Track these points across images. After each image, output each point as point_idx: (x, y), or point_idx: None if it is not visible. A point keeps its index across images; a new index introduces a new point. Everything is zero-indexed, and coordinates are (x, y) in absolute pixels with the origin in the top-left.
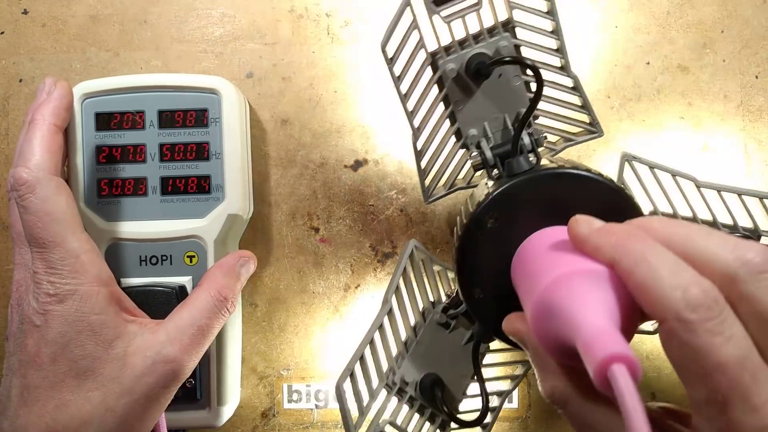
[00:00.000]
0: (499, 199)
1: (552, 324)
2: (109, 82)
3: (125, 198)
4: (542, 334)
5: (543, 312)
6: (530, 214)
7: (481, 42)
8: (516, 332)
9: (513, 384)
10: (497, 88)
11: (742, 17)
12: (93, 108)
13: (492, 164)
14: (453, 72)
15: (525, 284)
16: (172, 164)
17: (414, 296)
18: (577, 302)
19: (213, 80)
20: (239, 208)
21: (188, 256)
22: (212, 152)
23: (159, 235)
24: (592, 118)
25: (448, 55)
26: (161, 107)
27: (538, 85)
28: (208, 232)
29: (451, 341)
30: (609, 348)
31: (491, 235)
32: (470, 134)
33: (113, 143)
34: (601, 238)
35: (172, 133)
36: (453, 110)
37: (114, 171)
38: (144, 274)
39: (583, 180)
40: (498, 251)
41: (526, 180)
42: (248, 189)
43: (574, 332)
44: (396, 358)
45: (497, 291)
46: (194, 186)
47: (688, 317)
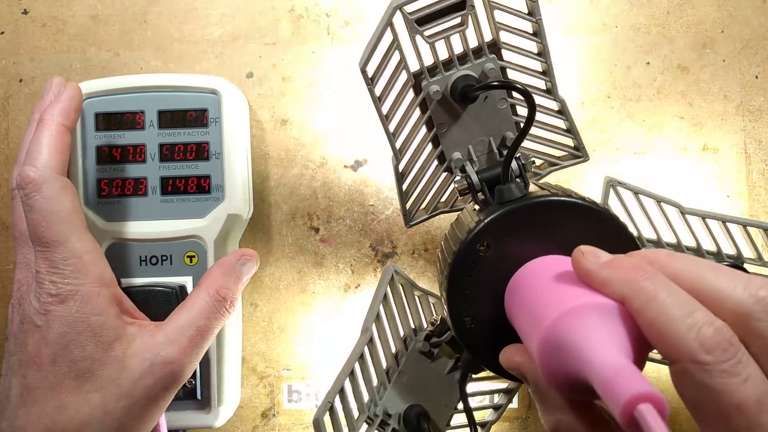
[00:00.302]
0: (491, 227)
1: (561, 359)
2: (109, 82)
3: (125, 198)
4: (550, 370)
5: (551, 348)
6: (523, 242)
7: (466, 64)
8: (516, 366)
9: (497, 414)
10: (482, 110)
11: (742, 17)
12: (93, 108)
13: (478, 189)
14: (437, 94)
15: (525, 317)
16: (172, 164)
17: (395, 324)
18: (589, 337)
19: (213, 80)
20: (239, 208)
21: (188, 256)
22: (212, 152)
23: (159, 235)
24: (578, 142)
25: (432, 76)
26: (161, 107)
27: (530, 110)
28: (208, 232)
29: (434, 370)
30: (632, 387)
31: (482, 262)
32: (454, 158)
33: (113, 143)
34: (610, 273)
35: (172, 133)
36: (437, 133)
37: (114, 171)
38: (144, 274)
39: (576, 207)
40: (490, 279)
41: (518, 207)
42: (248, 189)
43: (587, 369)
44: (377, 389)
45: (488, 320)
46: (194, 186)
47: (704, 359)
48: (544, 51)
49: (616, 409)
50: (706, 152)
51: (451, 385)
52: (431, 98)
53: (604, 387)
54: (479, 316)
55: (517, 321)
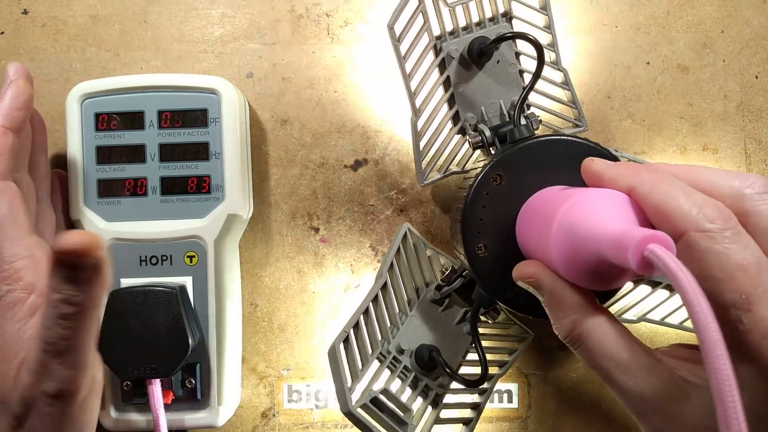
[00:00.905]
0: (504, 160)
1: (575, 241)
2: (109, 82)
3: (125, 198)
4: (566, 257)
5: (565, 233)
6: (532, 176)
7: (483, 29)
8: (529, 275)
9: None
10: (495, 74)
11: (742, 17)
12: (93, 108)
13: (491, 142)
14: (456, 53)
15: (537, 226)
16: (172, 164)
17: (408, 275)
18: (599, 214)
19: (213, 80)
20: (239, 208)
21: (188, 256)
22: (212, 152)
23: (159, 235)
24: (579, 112)
25: (452, 38)
26: (161, 107)
27: (539, 60)
28: (208, 232)
29: (445, 320)
30: (640, 233)
31: (495, 194)
32: (468, 117)
33: (113, 143)
34: (617, 169)
35: (172, 133)
36: (453, 92)
37: (114, 171)
38: (144, 274)
39: (579, 146)
40: (502, 210)
41: (528, 144)
42: (248, 189)
43: (599, 238)
44: (390, 330)
45: (500, 249)
46: (194, 186)
47: (707, 227)
48: (551, 24)
49: (629, 257)
50: (706, 152)
51: (460, 337)
52: (450, 57)
53: (614, 245)
54: (491, 245)
55: (529, 236)
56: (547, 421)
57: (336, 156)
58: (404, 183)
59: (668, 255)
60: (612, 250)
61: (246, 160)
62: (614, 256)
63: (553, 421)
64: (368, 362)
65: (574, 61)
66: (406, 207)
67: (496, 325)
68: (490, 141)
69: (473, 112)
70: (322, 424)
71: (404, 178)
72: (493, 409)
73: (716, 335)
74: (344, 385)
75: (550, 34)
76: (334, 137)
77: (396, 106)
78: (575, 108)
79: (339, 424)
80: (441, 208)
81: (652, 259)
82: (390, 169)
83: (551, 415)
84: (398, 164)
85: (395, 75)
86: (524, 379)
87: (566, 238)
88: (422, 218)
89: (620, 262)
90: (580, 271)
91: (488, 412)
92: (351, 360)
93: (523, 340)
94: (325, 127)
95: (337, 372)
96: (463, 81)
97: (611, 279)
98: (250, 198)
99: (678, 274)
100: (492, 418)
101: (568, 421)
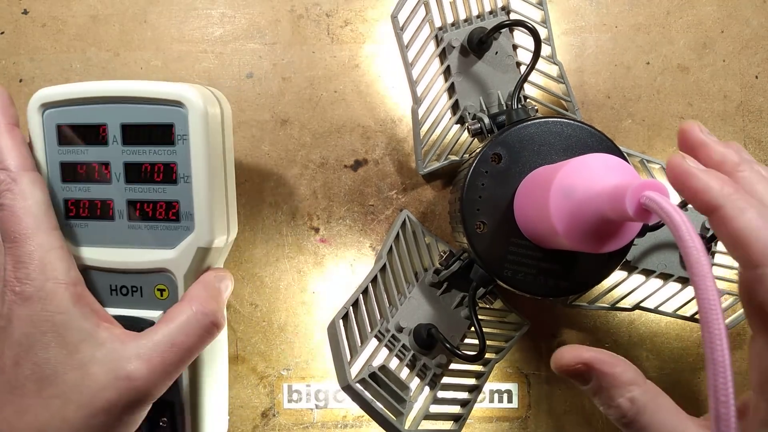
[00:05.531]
0: (502, 140)
1: (573, 202)
2: (68, 90)
3: (92, 221)
4: (565, 218)
5: (563, 194)
6: (531, 156)
7: (482, 21)
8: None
9: (501, 355)
10: (493, 64)
11: (742, 17)
12: (54, 120)
13: (489, 130)
14: (456, 42)
15: (535, 194)
16: (138, 186)
17: (406, 259)
18: (595, 174)
19: (178, 90)
20: (212, 240)
21: (158, 290)
22: (180, 175)
23: (127, 265)
24: (573, 105)
25: (453, 28)
26: (124, 120)
27: (536, 45)
28: (178, 266)
29: (443, 304)
30: (637, 181)
31: (494, 173)
32: (467, 106)
33: (76, 160)
34: (710, 180)
35: (137, 151)
36: (453, 81)
37: (79, 191)
38: (115, 305)
39: (573, 127)
40: (501, 189)
41: (526, 125)
42: (224, 215)
43: (597, 196)
44: (389, 309)
45: (498, 226)
46: (162, 212)
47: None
48: (546, 18)
49: (626, 205)
50: None
51: (458, 321)
52: (451, 46)
53: (612, 198)
54: (490, 223)
55: (527, 207)
56: (547, 421)
57: (336, 156)
58: (404, 183)
59: (664, 199)
60: (610, 204)
61: (222, 183)
62: (612, 209)
63: (553, 421)
64: (367, 339)
65: (574, 61)
66: (406, 207)
67: (493, 313)
68: (489, 128)
69: (472, 101)
70: (322, 424)
71: (404, 178)
72: (493, 409)
73: (707, 268)
74: (344, 360)
75: (546, 29)
76: (334, 137)
77: (396, 106)
78: (570, 101)
79: (339, 424)
80: (441, 208)
81: (648, 204)
82: (390, 169)
83: (551, 415)
84: (398, 164)
85: (395, 75)
86: (524, 379)
87: (564, 200)
88: (422, 218)
89: (618, 213)
90: (579, 233)
91: (488, 412)
92: (350, 336)
93: (519, 329)
94: (325, 127)
95: (337, 347)
96: (462, 71)
97: (610, 237)
98: (230, 222)
99: (672, 214)
100: (492, 418)
101: (567, 421)
